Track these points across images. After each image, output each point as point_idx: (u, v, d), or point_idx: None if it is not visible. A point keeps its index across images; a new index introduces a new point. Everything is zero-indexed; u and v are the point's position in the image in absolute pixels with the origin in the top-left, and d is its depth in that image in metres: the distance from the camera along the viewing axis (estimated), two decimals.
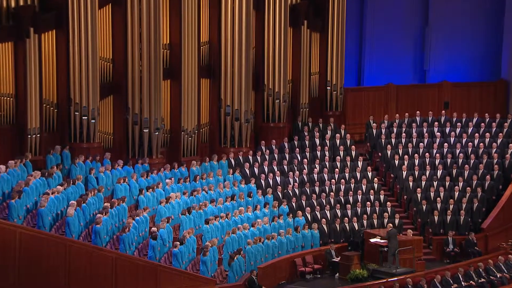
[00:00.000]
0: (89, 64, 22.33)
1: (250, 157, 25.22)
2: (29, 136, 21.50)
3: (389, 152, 26.47)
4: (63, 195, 19.50)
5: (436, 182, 25.32)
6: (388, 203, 24.74)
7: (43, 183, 19.67)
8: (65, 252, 17.66)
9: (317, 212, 23.87)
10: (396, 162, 26.11)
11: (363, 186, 25.08)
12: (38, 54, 21.63)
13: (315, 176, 25.15)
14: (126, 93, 23.33)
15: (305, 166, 25.44)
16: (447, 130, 27.25)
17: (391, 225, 23.09)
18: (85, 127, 22.46)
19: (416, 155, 26.19)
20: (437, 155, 26.21)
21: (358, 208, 24.29)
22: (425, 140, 26.82)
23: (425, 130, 27.21)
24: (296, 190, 24.55)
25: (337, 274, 22.33)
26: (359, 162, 26.09)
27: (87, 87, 22.40)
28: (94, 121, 22.54)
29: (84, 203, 19.47)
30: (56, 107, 22.63)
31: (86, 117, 22.44)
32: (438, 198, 24.78)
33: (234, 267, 20.12)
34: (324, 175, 25.25)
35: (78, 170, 21.25)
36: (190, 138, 24.71)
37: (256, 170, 24.90)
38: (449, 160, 26.11)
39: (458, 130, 27.19)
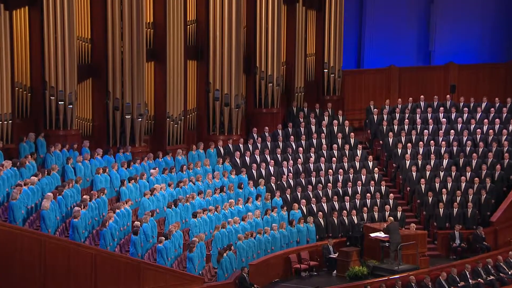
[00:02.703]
0: (65, 44, 22.14)
1: (241, 146, 25.18)
2: (0, 122, 21.34)
3: (391, 140, 26.47)
4: (38, 186, 19.39)
5: (441, 172, 25.33)
6: (390, 195, 24.77)
7: (15, 173, 19.54)
8: (40, 249, 17.59)
9: (313, 205, 23.86)
10: (399, 150, 26.11)
11: (362, 176, 25.08)
12: (9, 33, 21.44)
13: (311, 166, 25.13)
14: (106, 76, 23.20)
15: (300, 155, 25.42)
16: (454, 115, 27.24)
17: (391, 218, 23.05)
18: (62, 113, 22.32)
19: (420, 143, 26.20)
20: (443, 143, 26.21)
21: (357, 200, 24.30)
22: (430, 127, 26.81)
23: (429, 116, 27.20)
24: (291, 181, 24.52)
25: (335, 272, 22.33)
26: (358, 150, 26.09)
27: (64, 70, 22.23)
28: (71, 106, 22.40)
29: (61, 195, 19.38)
30: (30, 91, 22.46)
31: (62, 102, 22.29)
32: (444, 190, 24.80)
33: (223, 264, 20.11)
34: (321, 164, 25.22)
35: (54, 160, 21.14)
36: (176, 125, 24.63)
37: (247, 159, 24.87)
38: (455, 148, 26.13)
39: (465, 115, 27.19)
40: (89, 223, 19.39)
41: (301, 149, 25.63)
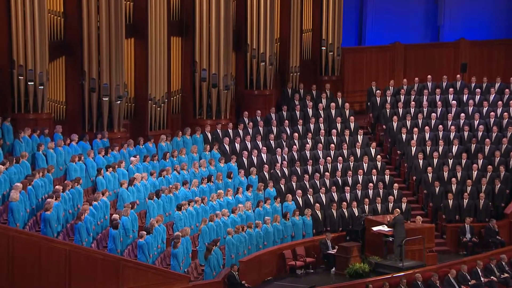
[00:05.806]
0: (35, 18, 22.10)
1: (230, 131, 25.19)
2: None
3: (395, 125, 26.50)
4: (5, 176, 19.36)
5: (450, 160, 25.36)
6: (395, 184, 24.80)
7: None
8: (7, 244, 17.55)
9: (310, 196, 23.89)
10: (404, 136, 26.14)
11: (364, 164, 25.11)
12: None
13: (308, 153, 25.15)
14: (81, 54, 23.18)
15: (296, 142, 25.45)
16: (465, 97, 27.28)
17: (398, 210, 23.15)
18: (32, 94, 22.31)
19: (427, 127, 26.22)
20: (452, 127, 26.25)
21: (358, 191, 24.34)
22: (438, 110, 26.85)
23: (438, 97, 27.24)
24: (285, 170, 24.53)
25: (333, 269, 22.38)
26: (359, 136, 26.12)
27: (34, 47, 22.20)
28: (42, 87, 22.38)
29: (31, 185, 19.37)
30: None
31: (32, 83, 22.28)
32: (453, 179, 24.82)
33: (211, 261, 20.12)
34: (318, 151, 25.24)
35: (23, 146, 21.11)
36: (158, 108, 24.64)
37: (237, 146, 24.88)
38: (466, 134, 26.16)
39: (477, 97, 27.23)
40: (63, 216, 19.37)
41: (296, 134, 25.63)
